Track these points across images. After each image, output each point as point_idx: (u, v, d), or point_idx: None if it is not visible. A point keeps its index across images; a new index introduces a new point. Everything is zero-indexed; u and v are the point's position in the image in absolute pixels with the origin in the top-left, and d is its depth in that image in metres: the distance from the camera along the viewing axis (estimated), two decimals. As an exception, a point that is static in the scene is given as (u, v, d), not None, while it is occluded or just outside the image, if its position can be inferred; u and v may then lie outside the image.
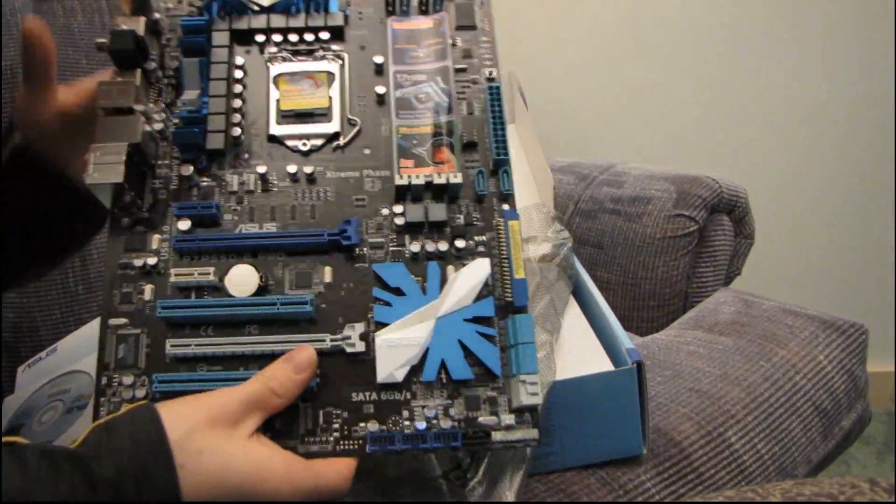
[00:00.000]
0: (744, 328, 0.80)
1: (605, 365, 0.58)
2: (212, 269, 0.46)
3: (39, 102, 0.51)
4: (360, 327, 0.46)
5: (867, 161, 1.53)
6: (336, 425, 0.44)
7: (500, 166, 0.51)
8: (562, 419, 0.55)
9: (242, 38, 0.53)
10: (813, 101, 1.49)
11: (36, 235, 0.58)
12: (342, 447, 0.44)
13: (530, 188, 0.77)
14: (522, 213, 0.52)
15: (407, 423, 0.45)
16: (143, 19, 0.51)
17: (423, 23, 0.55)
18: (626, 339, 0.57)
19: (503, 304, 0.48)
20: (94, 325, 0.75)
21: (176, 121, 0.50)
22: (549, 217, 0.69)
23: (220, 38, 0.53)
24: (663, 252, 0.94)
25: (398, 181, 0.49)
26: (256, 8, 0.54)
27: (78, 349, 0.72)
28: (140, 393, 0.44)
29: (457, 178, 0.49)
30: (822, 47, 1.45)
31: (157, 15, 0.53)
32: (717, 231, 0.95)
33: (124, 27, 0.50)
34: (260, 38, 0.53)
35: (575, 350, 0.60)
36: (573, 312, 0.67)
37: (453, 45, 0.55)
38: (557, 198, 0.98)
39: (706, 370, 0.72)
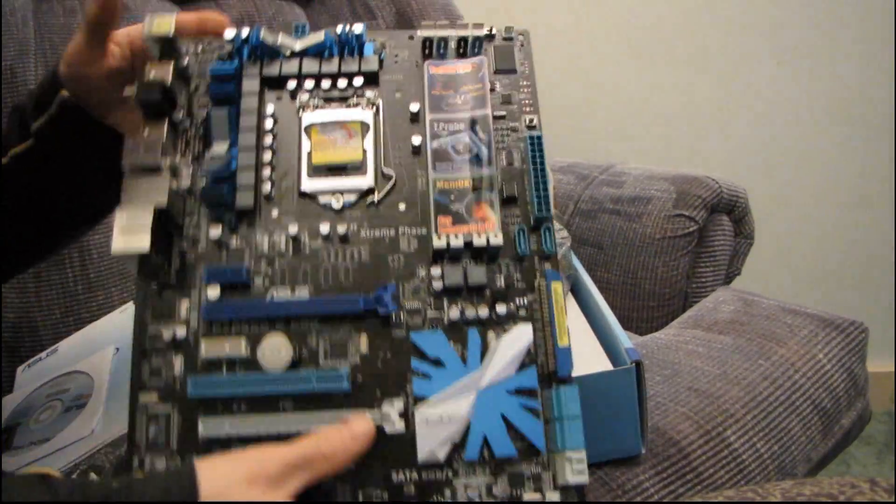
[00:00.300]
0: (743, 327, 0.81)
1: (604, 364, 0.58)
2: (243, 341, 0.45)
3: (94, 60, 0.52)
4: (398, 404, 0.45)
5: (867, 161, 1.55)
6: (375, 506, 0.43)
7: (542, 223, 0.49)
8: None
9: (273, 83, 0.51)
10: (813, 101, 1.50)
11: (82, 190, 0.60)
12: (382, 531, 0.43)
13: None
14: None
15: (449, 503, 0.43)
16: (171, 65, 0.49)
17: (462, 67, 0.52)
18: (625, 339, 0.58)
19: (546, 373, 0.46)
20: (94, 327, 0.76)
21: (204, 177, 0.48)
22: None
23: (251, 84, 0.50)
24: (663, 252, 0.94)
25: (436, 243, 0.47)
26: (288, 52, 0.51)
27: (78, 351, 0.73)
28: (173, 475, 0.43)
29: (497, 239, 0.47)
30: (822, 48, 1.46)
31: (185, 61, 0.51)
32: (716, 231, 0.96)
33: (153, 76, 0.48)
34: (291, 84, 0.51)
35: (574, 350, 0.58)
36: (573, 312, 0.67)
37: (492, 89, 0.53)
38: (558, 198, 0.99)
39: (705, 369, 0.72)
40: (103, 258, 0.85)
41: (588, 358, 0.59)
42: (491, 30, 0.54)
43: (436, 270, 0.48)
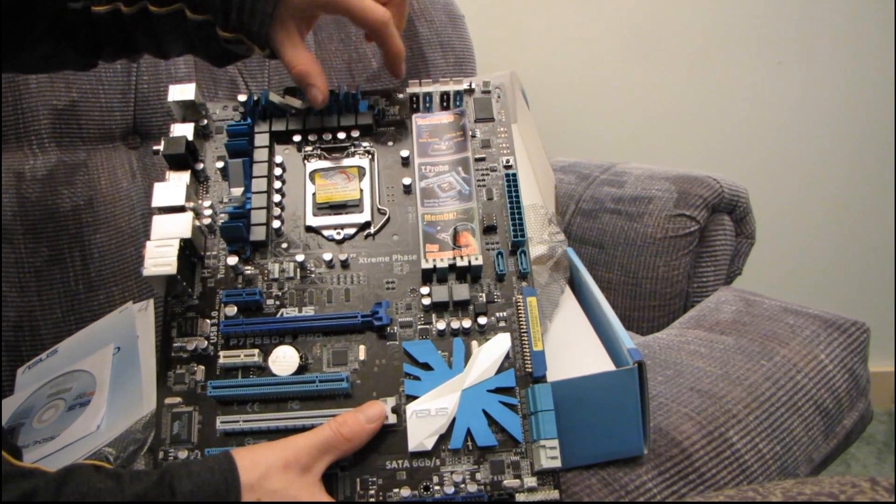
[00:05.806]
0: (745, 327, 0.85)
1: (607, 365, 0.62)
2: (256, 351, 0.55)
3: None
4: (392, 401, 0.54)
5: (868, 161, 1.60)
6: (372, 491, 0.52)
7: (518, 247, 0.60)
8: (563, 419, 0.57)
9: (281, 138, 0.64)
10: (813, 100, 1.56)
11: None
12: (378, 512, 0.52)
13: (532, 188, 0.84)
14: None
15: (437, 487, 0.52)
16: (192, 126, 0.62)
17: (445, 117, 0.65)
18: (627, 339, 0.61)
19: (524, 374, 0.56)
20: (94, 328, 0.82)
21: (223, 216, 0.60)
22: (546, 219, 0.76)
23: (261, 139, 0.63)
24: (664, 252, 0.99)
25: (424, 265, 0.58)
26: (293, 111, 0.64)
27: (78, 351, 0.78)
28: (195, 464, 0.52)
29: (478, 261, 0.58)
30: (822, 48, 1.53)
31: (205, 121, 0.64)
32: (717, 231, 1.01)
33: (177, 133, 0.61)
34: (297, 137, 0.64)
35: (576, 350, 0.65)
36: (574, 312, 0.72)
37: (473, 136, 0.64)
38: (558, 197, 1.04)
39: (707, 370, 0.76)
40: (104, 258, 0.89)
41: (590, 358, 0.63)
42: (470, 84, 0.66)
43: (425, 289, 0.58)
